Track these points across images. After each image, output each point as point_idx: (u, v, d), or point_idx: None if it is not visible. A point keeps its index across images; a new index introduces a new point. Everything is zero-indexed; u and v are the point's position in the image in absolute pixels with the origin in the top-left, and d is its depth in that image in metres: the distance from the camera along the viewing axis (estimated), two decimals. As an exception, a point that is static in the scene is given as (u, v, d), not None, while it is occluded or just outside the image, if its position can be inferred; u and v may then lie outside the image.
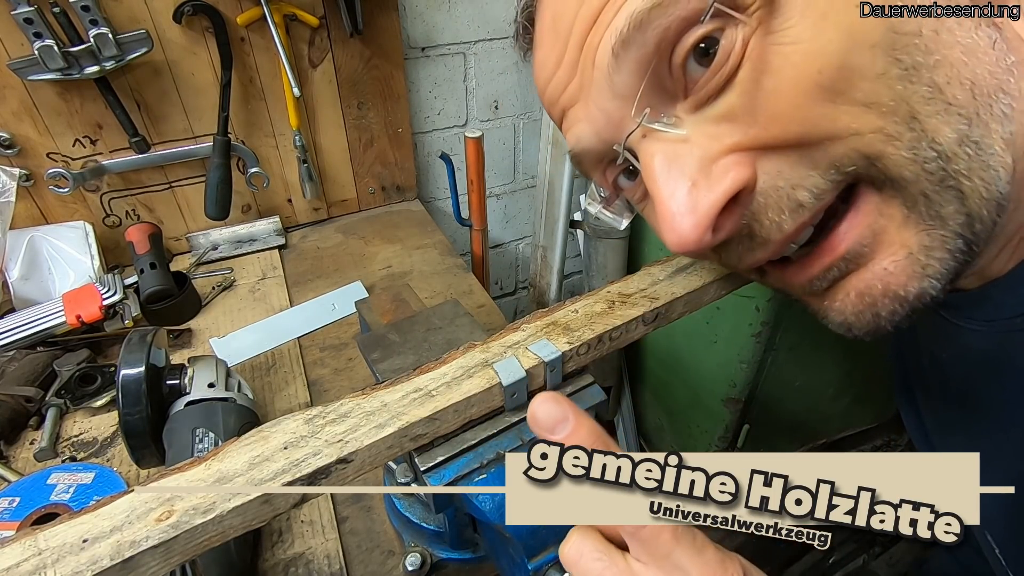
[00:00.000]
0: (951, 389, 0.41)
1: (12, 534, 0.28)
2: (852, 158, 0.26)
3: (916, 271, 0.27)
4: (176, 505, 0.28)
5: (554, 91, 0.33)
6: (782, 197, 0.28)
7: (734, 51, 0.26)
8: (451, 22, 1.05)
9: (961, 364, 0.39)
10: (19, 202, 0.81)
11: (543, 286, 1.23)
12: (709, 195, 0.27)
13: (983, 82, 0.25)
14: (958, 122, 0.25)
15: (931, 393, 0.45)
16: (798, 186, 0.27)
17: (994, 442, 0.37)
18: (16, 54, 0.75)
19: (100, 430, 0.68)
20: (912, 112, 0.25)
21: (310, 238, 1.05)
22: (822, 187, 0.27)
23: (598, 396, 0.40)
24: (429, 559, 0.51)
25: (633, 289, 0.43)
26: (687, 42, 0.27)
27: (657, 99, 0.29)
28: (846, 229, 0.28)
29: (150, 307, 0.80)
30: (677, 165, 0.28)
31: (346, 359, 0.78)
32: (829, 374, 1.11)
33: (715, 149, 0.28)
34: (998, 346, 0.35)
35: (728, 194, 0.27)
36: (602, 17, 0.28)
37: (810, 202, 0.27)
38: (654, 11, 0.26)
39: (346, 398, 0.34)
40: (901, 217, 0.27)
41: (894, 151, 0.25)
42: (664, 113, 0.29)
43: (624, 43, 0.27)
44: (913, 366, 0.46)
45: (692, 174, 0.28)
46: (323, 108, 0.98)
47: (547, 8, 0.32)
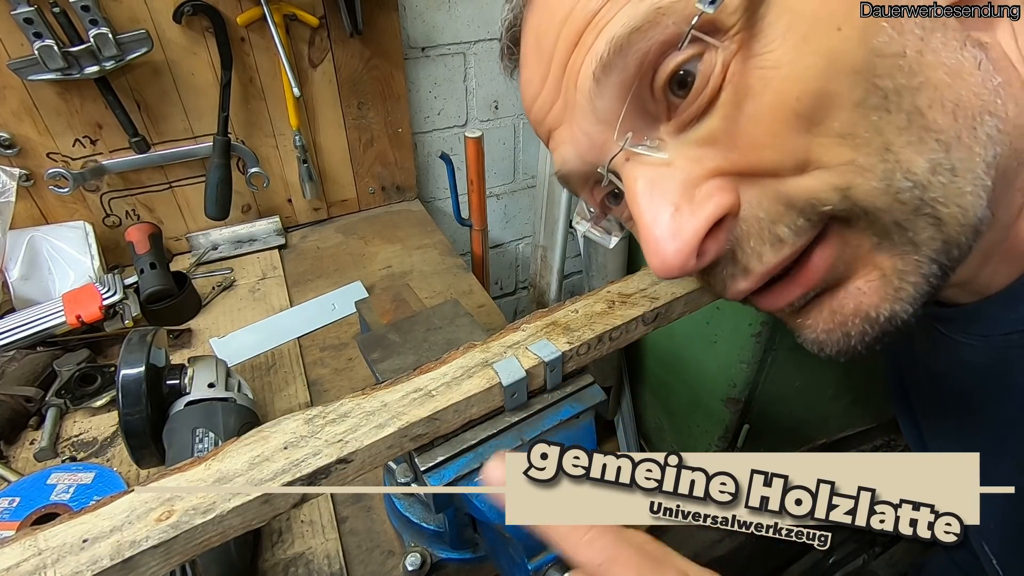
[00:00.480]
0: (948, 403, 0.41)
1: (12, 534, 0.28)
2: (827, 193, 0.26)
3: (888, 293, 0.27)
4: (176, 505, 0.28)
5: (540, 111, 0.33)
6: (763, 229, 0.28)
7: (714, 74, 0.26)
8: (451, 22, 1.05)
9: (958, 379, 0.39)
10: (19, 202, 0.81)
11: (543, 286, 1.23)
12: (692, 220, 0.27)
13: (967, 104, 0.25)
14: (933, 150, 0.25)
15: (928, 407, 0.45)
16: (777, 221, 0.27)
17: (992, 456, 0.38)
18: (16, 54, 0.75)
19: (100, 430, 0.68)
20: (886, 143, 0.24)
21: (310, 238, 1.05)
22: (800, 225, 0.27)
23: (598, 396, 0.40)
24: (429, 559, 0.51)
25: (633, 289, 0.43)
26: (668, 66, 0.27)
27: (640, 122, 0.29)
28: (817, 259, 0.28)
29: (150, 307, 0.80)
30: (659, 189, 0.28)
31: (346, 359, 0.78)
32: (829, 374, 1.11)
33: (697, 173, 0.28)
34: (995, 362, 0.35)
35: (711, 220, 0.27)
36: (583, 40, 0.28)
37: (790, 238, 0.27)
38: (634, 35, 0.26)
39: (346, 398, 0.34)
40: (870, 246, 0.27)
41: (864, 182, 0.25)
42: (647, 136, 0.29)
43: (605, 68, 0.27)
44: (910, 379, 0.46)
45: (674, 199, 0.28)
46: (323, 108, 0.98)
47: (531, 29, 0.32)
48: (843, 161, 0.25)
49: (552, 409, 0.39)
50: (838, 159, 0.25)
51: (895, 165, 0.25)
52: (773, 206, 0.27)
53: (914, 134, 0.24)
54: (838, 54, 0.24)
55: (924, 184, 0.25)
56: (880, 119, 0.24)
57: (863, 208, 0.25)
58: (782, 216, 0.27)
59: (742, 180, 0.27)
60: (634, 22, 0.26)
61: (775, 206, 0.27)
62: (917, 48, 0.24)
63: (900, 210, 0.25)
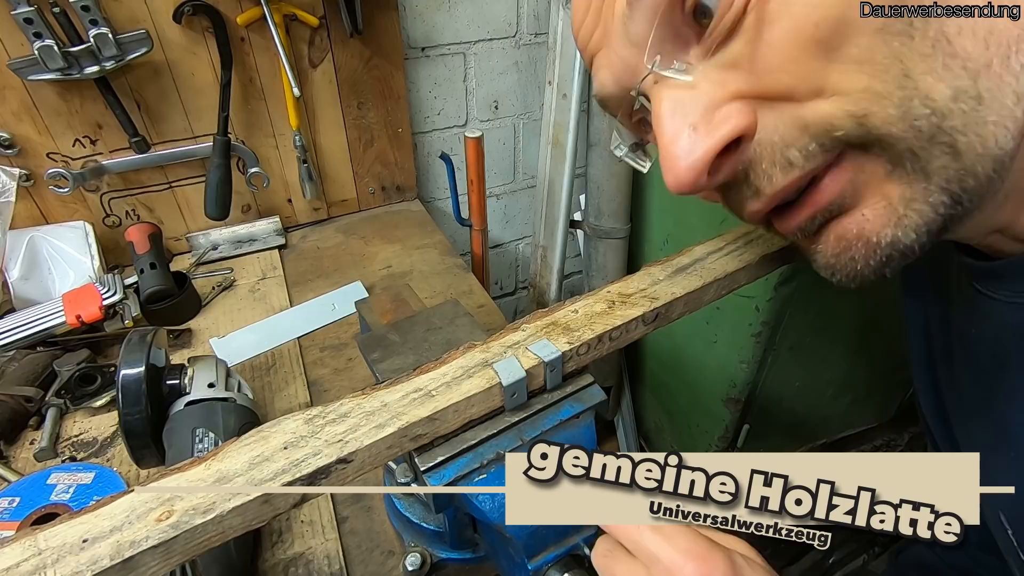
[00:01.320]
0: (980, 371, 0.40)
1: (12, 534, 0.28)
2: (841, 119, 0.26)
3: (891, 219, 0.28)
4: (176, 505, 0.28)
5: (584, 37, 0.35)
6: (776, 152, 0.29)
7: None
8: (451, 22, 1.05)
9: (993, 341, 0.38)
10: (19, 202, 0.81)
11: (543, 286, 1.23)
12: (707, 139, 0.28)
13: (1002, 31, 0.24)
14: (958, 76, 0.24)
15: (956, 376, 0.44)
16: (790, 145, 0.28)
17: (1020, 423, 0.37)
18: (16, 54, 0.75)
19: (100, 430, 0.68)
20: (905, 70, 0.24)
21: (310, 238, 1.05)
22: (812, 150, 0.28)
23: (598, 396, 0.40)
24: (429, 559, 0.51)
25: (633, 289, 0.43)
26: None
27: (670, 45, 0.30)
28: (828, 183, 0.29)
29: (150, 307, 0.80)
30: (681, 110, 0.29)
31: (346, 359, 0.78)
32: (829, 374, 1.11)
33: (719, 95, 0.29)
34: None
35: (725, 140, 0.28)
36: None
37: (800, 162, 0.28)
38: None
39: (346, 398, 0.34)
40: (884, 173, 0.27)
41: (880, 109, 0.25)
42: (676, 59, 0.30)
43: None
44: (939, 347, 0.46)
45: (694, 119, 0.29)
46: (323, 108, 0.98)
47: None
48: (859, 88, 0.25)
49: (552, 409, 0.39)
50: (854, 85, 0.25)
51: (913, 92, 0.24)
52: (788, 130, 0.28)
53: (938, 60, 0.24)
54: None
55: (943, 112, 0.25)
56: (902, 44, 0.24)
57: (878, 136, 0.26)
58: (796, 140, 0.28)
59: (761, 104, 0.28)
60: None
61: (790, 130, 0.28)
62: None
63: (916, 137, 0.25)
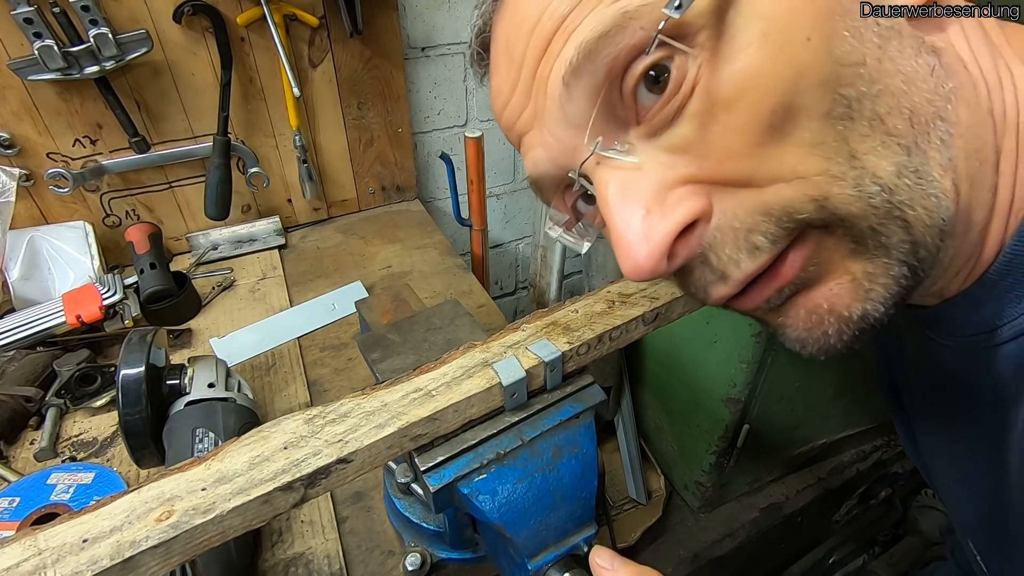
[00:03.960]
0: (934, 401, 0.42)
1: (12, 534, 0.28)
2: (804, 203, 0.26)
3: (859, 294, 0.28)
4: (176, 505, 0.28)
5: (510, 117, 0.33)
6: (739, 237, 0.28)
7: (685, 80, 0.26)
8: (451, 22, 1.05)
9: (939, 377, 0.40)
10: (19, 202, 0.81)
11: (543, 286, 1.23)
12: (664, 223, 0.27)
13: (921, 110, 0.25)
14: (896, 154, 0.25)
15: (917, 405, 0.45)
16: (754, 230, 0.27)
17: (972, 454, 0.38)
18: (16, 54, 0.75)
19: (100, 430, 0.68)
20: (851, 151, 0.25)
21: (310, 238, 1.05)
22: (776, 233, 0.27)
23: (598, 396, 0.40)
24: (429, 559, 0.51)
25: (633, 289, 0.43)
26: (636, 70, 0.27)
27: (610, 126, 0.29)
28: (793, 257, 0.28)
29: (150, 307, 0.80)
30: (631, 193, 0.28)
31: (346, 359, 0.78)
32: (829, 374, 1.10)
33: (669, 178, 0.28)
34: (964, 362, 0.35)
35: (682, 223, 0.27)
36: (552, 46, 0.28)
37: (766, 246, 0.27)
38: (602, 40, 0.26)
39: (346, 398, 0.35)
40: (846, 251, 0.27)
41: (840, 191, 0.25)
42: (617, 140, 0.29)
43: (574, 72, 0.27)
44: (902, 378, 0.47)
45: (646, 202, 0.28)
46: (323, 108, 0.98)
47: (500, 35, 0.32)
48: (816, 171, 0.25)
49: (552, 409, 0.39)
50: (812, 169, 0.25)
51: (862, 171, 0.25)
52: (749, 215, 0.27)
53: (876, 140, 0.25)
54: (809, 65, 0.24)
55: (891, 187, 0.25)
56: (845, 128, 0.25)
57: (840, 216, 0.26)
58: (759, 225, 0.27)
59: (716, 189, 0.28)
60: (602, 27, 0.26)
61: (751, 216, 0.27)
62: (876, 56, 0.25)
63: (874, 214, 0.26)
